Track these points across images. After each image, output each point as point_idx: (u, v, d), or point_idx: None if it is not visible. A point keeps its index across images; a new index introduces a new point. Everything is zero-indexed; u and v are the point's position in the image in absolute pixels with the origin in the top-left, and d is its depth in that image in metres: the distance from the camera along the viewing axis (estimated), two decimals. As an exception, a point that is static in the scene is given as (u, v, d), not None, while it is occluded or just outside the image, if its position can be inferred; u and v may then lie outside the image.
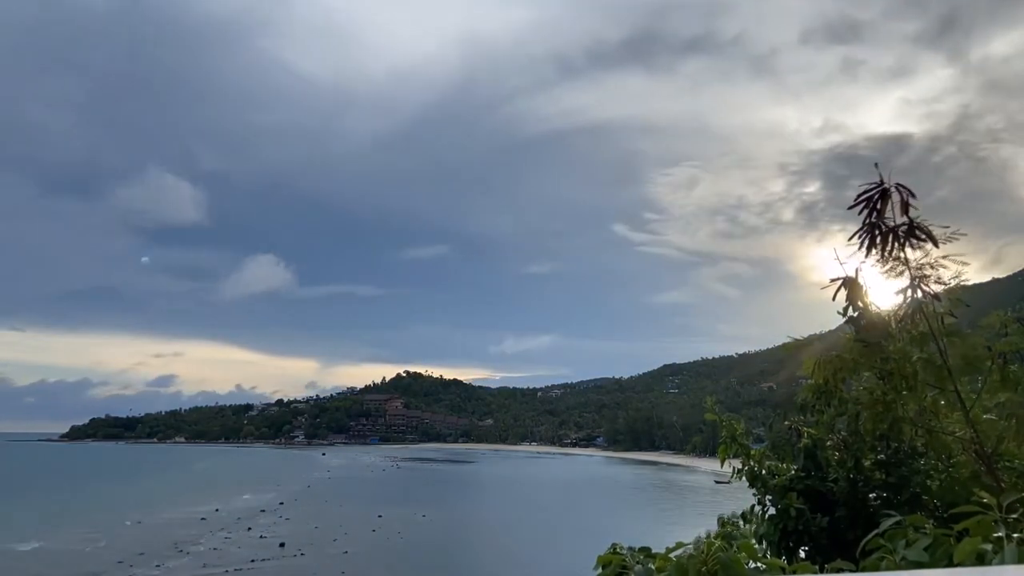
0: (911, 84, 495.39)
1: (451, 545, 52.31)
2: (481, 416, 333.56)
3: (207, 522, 62.12)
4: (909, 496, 4.92)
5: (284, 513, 69.78)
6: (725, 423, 5.86)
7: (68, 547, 49.33)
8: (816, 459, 5.36)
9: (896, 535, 2.50)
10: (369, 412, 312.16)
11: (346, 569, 42.96)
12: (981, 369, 4.21)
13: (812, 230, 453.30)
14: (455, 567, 44.85)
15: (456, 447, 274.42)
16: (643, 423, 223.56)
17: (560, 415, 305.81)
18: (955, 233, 3.99)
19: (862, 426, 4.90)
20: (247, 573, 42.15)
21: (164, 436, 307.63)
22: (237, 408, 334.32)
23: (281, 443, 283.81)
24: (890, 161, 5.13)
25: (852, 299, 4.27)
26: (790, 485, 5.25)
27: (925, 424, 4.66)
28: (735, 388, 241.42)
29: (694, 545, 2.70)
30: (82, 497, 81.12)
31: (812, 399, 5.42)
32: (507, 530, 60.26)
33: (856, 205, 4.06)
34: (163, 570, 43.05)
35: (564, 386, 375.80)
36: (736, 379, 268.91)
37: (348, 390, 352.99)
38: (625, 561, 2.89)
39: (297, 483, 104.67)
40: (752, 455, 5.66)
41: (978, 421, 4.18)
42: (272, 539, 53.23)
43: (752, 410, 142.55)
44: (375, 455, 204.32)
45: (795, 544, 5.06)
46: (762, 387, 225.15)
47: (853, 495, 5.07)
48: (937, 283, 4.02)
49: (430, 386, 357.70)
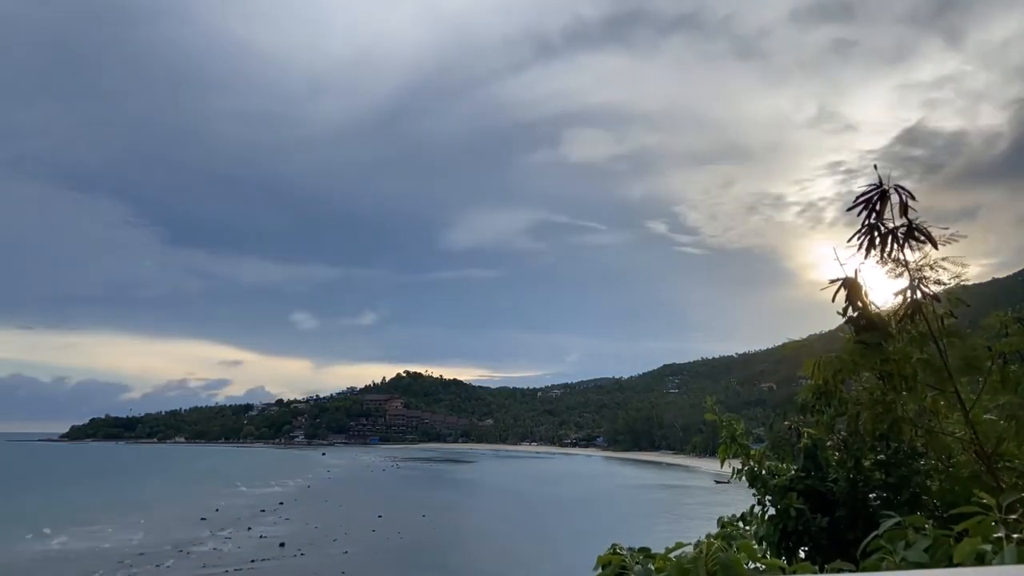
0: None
1: (451, 545, 52.31)
2: (481, 416, 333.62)
3: (207, 522, 62.11)
4: (909, 496, 4.92)
5: (284, 513, 69.77)
6: (725, 423, 5.86)
7: (68, 547, 49.36)
8: (816, 459, 5.37)
9: (896, 535, 2.51)
10: (369, 412, 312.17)
11: (346, 569, 42.96)
12: (981, 370, 4.22)
13: (812, 228, 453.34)
14: (455, 567, 44.84)
15: (456, 447, 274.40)
16: (643, 423, 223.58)
17: (560, 415, 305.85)
18: (954, 235, 4.00)
19: (862, 426, 4.90)
20: (247, 573, 42.14)
21: (164, 436, 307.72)
22: (237, 408, 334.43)
23: (281, 443, 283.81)
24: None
25: (852, 300, 4.28)
26: (790, 485, 5.25)
27: (925, 424, 4.66)
28: (735, 388, 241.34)
29: (694, 545, 2.70)
30: (82, 497, 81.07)
31: (812, 399, 5.42)
32: (507, 530, 60.27)
33: (856, 206, 4.07)
34: (163, 570, 43.04)
35: (564, 386, 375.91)
36: (736, 379, 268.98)
37: (348, 390, 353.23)
38: (625, 561, 2.89)
39: (297, 483, 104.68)
40: (752, 455, 5.67)
41: (978, 421, 4.19)
42: (272, 539, 53.22)
43: (752, 410, 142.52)
44: (375, 455, 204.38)
45: (795, 544, 5.06)
46: (762, 387, 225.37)
47: (853, 495, 5.08)
48: (936, 284, 4.03)
49: (430, 386, 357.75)
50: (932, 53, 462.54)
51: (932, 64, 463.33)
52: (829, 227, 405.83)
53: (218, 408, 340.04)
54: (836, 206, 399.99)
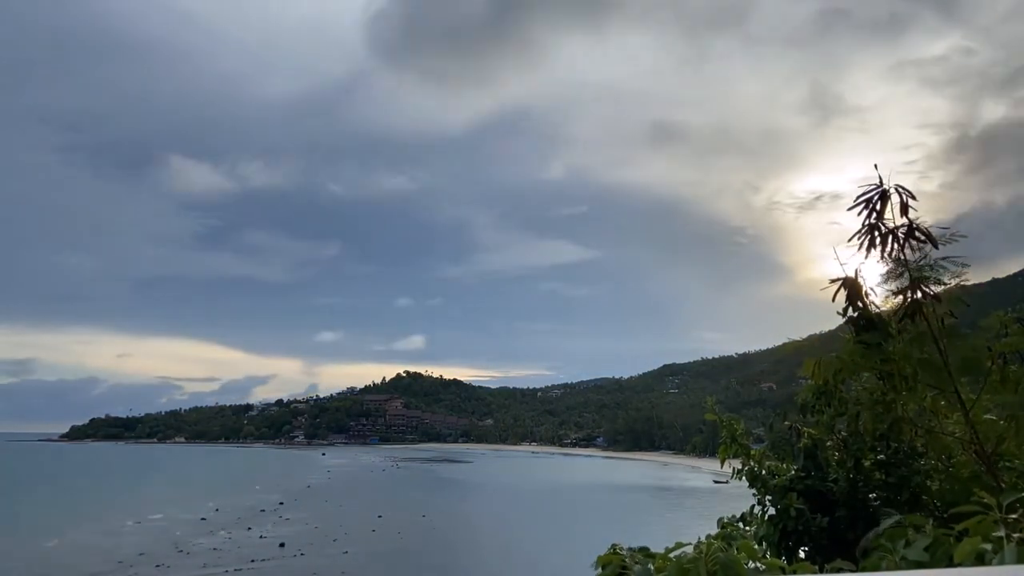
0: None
1: (451, 545, 52.31)
2: (481, 416, 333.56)
3: (207, 522, 62.13)
4: (909, 496, 4.91)
5: (284, 513, 69.78)
6: (725, 423, 5.86)
7: (68, 548, 49.35)
8: (816, 459, 5.36)
9: (896, 534, 2.51)
10: (369, 412, 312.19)
11: (346, 569, 42.97)
12: (981, 370, 4.21)
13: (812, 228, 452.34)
14: (455, 567, 44.86)
15: (456, 447, 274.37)
16: (643, 423, 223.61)
17: (560, 415, 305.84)
18: (954, 235, 4.00)
19: (862, 426, 4.90)
20: (247, 573, 42.14)
21: (164, 436, 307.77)
22: (237, 408, 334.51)
23: (281, 443, 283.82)
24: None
25: (852, 300, 4.27)
26: (790, 485, 5.25)
27: (925, 424, 4.66)
28: (735, 388, 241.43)
29: (694, 545, 2.70)
30: (81, 498, 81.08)
31: (812, 399, 5.42)
32: (507, 530, 60.29)
33: (855, 206, 4.07)
34: (163, 570, 43.04)
35: (564, 386, 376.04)
36: (736, 379, 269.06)
37: (348, 390, 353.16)
38: (625, 561, 2.89)
39: (297, 483, 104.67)
40: (752, 455, 5.66)
41: (978, 421, 4.18)
42: (272, 539, 53.23)
43: (752, 410, 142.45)
44: (375, 455, 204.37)
45: (795, 544, 5.06)
46: (762, 387, 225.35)
47: (853, 495, 5.07)
48: (936, 284, 4.02)
49: (430, 386, 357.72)
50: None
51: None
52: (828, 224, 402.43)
53: (218, 408, 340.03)
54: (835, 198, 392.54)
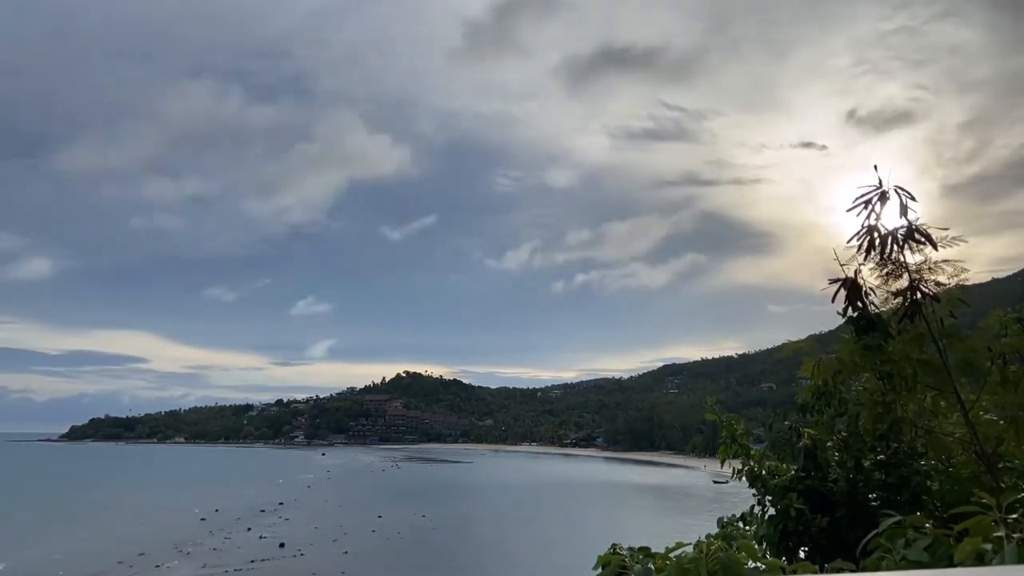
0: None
1: (451, 545, 52.32)
2: (481, 416, 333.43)
3: (207, 522, 62.15)
4: (909, 496, 4.91)
5: (284, 513, 69.82)
6: (725, 423, 5.86)
7: (68, 548, 49.31)
8: (816, 459, 5.36)
9: (896, 535, 2.51)
10: (369, 412, 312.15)
11: (346, 569, 42.99)
12: (981, 370, 4.22)
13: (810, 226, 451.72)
14: (455, 567, 44.86)
15: (456, 447, 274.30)
16: (643, 423, 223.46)
17: (560, 415, 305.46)
18: (955, 237, 4.00)
19: (862, 426, 4.90)
20: (247, 573, 42.16)
21: (164, 436, 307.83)
22: (237, 408, 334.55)
23: (281, 443, 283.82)
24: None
25: (852, 300, 4.28)
26: (790, 485, 5.25)
27: (925, 425, 4.66)
28: (735, 388, 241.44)
29: (694, 545, 2.71)
30: (81, 498, 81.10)
31: (812, 400, 5.42)
32: (506, 530, 60.28)
33: (854, 207, 4.07)
34: (163, 570, 43.07)
35: (564, 386, 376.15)
36: (736, 379, 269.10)
37: (348, 390, 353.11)
38: (625, 561, 2.89)
39: (297, 483, 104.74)
40: (752, 455, 5.66)
41: (978, 422, 4.19)
42: (272, 539, 53.24)
43: (752, 410, 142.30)
44: (375, 455, 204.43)
45: (795, 544, 5.06)
46: (762, 387, 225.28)
47: (853, 495, 5.07)
48: (936, 285, 4.02)
49: (430, 386, 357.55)
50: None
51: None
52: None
53: (218, 408, 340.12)
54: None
